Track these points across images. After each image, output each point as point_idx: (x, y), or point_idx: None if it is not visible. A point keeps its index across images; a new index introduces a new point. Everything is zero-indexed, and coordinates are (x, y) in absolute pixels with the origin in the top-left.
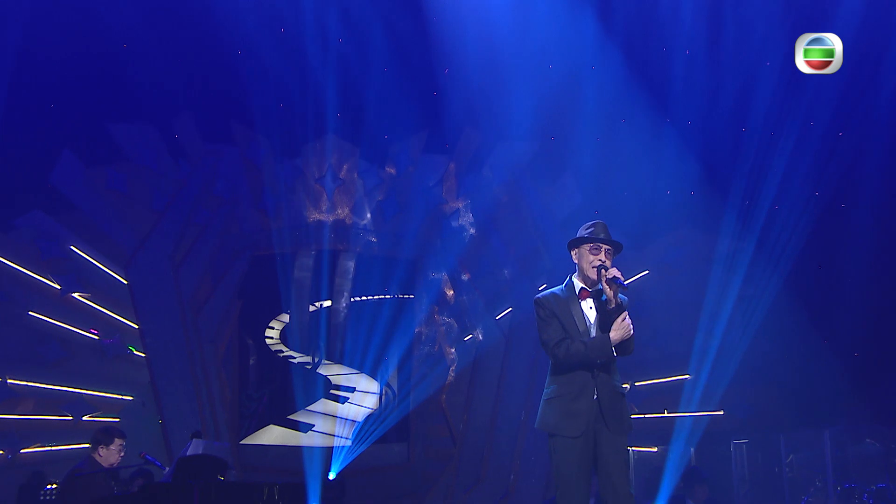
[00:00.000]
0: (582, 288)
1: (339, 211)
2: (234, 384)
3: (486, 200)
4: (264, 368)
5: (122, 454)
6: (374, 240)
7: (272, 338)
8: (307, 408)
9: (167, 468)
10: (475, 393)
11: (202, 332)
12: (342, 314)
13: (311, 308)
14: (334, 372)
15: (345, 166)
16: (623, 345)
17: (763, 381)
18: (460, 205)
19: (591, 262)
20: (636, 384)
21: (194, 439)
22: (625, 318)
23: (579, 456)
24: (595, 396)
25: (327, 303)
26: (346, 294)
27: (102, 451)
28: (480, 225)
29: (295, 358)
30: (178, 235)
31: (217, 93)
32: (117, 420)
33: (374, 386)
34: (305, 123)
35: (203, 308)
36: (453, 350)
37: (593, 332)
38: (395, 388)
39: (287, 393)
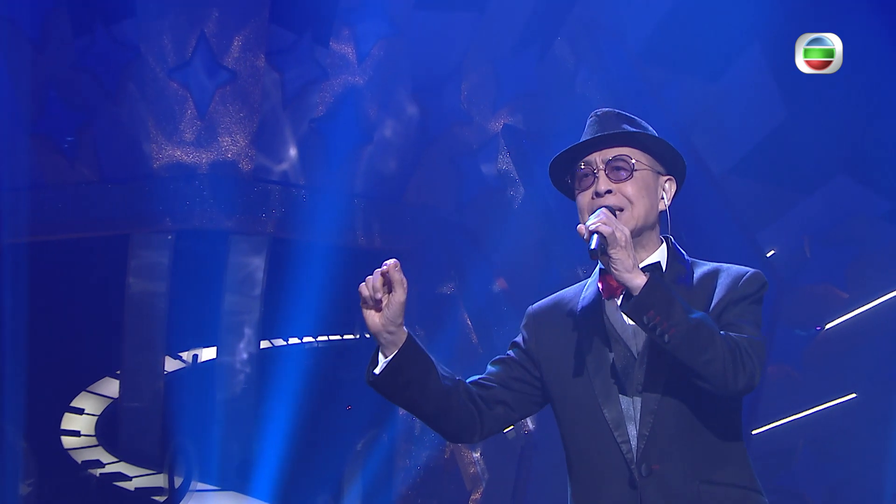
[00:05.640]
0: (603, 273)
1: (225, 142)
2: None
3: (560, 117)
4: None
5: None
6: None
7: (76, 434)
8: None
9: None
10: None
11: None
12: (238, 377)
13: (170, 364)
14: None
15: (236, 41)
16: (688, 356)
17: None
18: (499, 126)
19: (588, 208)
20: None
21: None
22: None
23: None
24: None
25: (208, 352)
26: (246, 332)
27: None
28: (538, 174)
29: (130, 479)
30: None
31: None
32: None
33: None
34: None
35: None
36: (477, 456)
37: (641, 371)
38: None
39: None
